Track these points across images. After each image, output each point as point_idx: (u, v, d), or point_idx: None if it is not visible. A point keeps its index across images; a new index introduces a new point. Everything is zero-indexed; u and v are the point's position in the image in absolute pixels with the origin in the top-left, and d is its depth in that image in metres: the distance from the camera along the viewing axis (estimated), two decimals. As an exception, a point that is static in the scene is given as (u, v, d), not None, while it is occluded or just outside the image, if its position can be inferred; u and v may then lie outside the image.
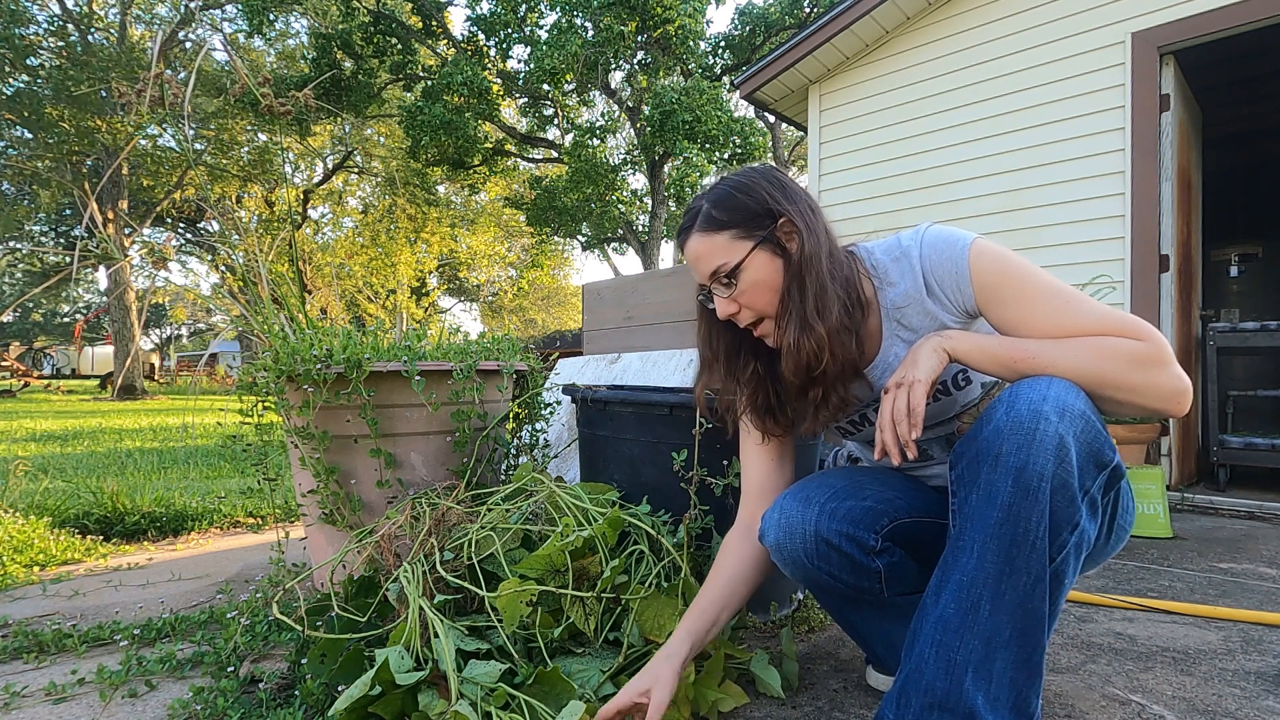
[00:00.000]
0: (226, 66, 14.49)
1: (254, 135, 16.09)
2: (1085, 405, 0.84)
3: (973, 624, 0.83)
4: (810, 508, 1.01)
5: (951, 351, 0.92)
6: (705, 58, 13.27)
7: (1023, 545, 0.82)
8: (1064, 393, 0.83)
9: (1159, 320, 3.37)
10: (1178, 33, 3.34)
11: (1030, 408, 0.82)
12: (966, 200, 3.98)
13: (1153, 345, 0.85)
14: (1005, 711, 0.82)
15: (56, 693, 1.26)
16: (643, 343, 3.15)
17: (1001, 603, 0.82)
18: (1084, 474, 0.83)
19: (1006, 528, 0.82)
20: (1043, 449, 0.80)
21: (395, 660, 1.02)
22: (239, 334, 2.84)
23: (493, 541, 1.31)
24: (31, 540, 2.23)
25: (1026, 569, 0.82)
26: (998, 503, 0.82)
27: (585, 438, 1.78)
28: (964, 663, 0.82)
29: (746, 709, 1.17)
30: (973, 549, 0.84)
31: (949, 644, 0.83)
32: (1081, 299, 0.91)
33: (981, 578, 0.83)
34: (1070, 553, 0.85)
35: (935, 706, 0.83)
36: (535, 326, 28.91)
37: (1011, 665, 0.82)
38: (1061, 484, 0.81)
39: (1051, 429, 0.81)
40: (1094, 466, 0.84)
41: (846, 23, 4.21)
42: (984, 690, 0.82)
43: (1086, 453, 0.83)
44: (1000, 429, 0.83)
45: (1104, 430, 0.86)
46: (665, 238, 14.08)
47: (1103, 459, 0.85)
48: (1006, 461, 0.82)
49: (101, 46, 13.59)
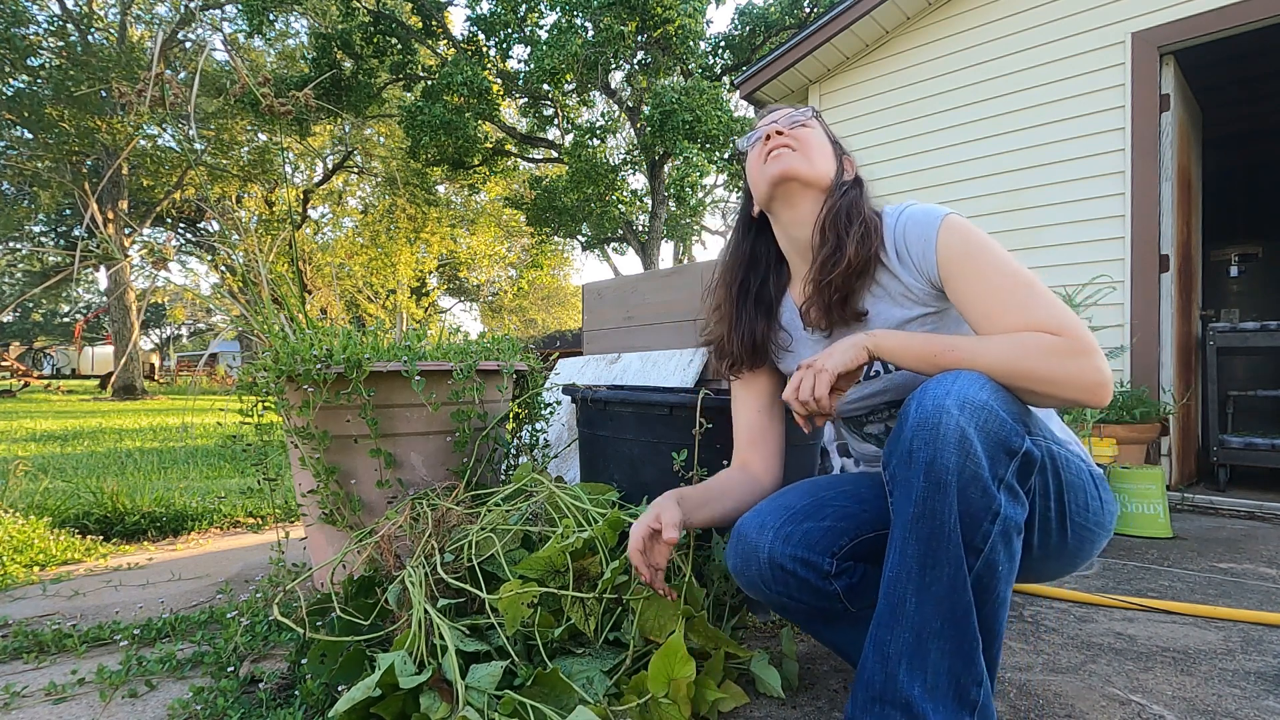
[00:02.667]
0: (226, 66, 14.49)
1: (254, 135, 16.10)
2: (990, 396, 0.86)
3: (901, 617, 0.86)
4: (764, 534, 1.04)
5: (874, 349, 0.97)
6: (705, 58, 13.27)
7: (939, 537, 0.84)
8: (967, 385, 0.86)
9: (1159, 320, 3.37)
10: (1178, 33, 3.34)
11: (934, 403, 0.85)
12: (966, 200, 3.98)
13: (1072, 339, 0.88)
14: (946, 700, 0.84)
15: (56, 693, 1.26)
16: (643, 343, 3.15)
17: (927, 595, 0.85)
18: (994, 463, 0.85)
19: (923, 522, 0.85)
20: (946, 443, 0.83)
21: (400, 664, 1.02)
22: (239, 334, 2.84)
23: (493, 543, 1.31)
24: (31, 540, 2.23)
25: (947, 560, 0.84)
26: (913, 498, 0.85)
27: (585, 438, 1.78)
28: (896, 655, 0.85)
29: (746, 709, 1.17)
30: (896, 545, 0.87)
31: (882, 638, 0.87)
32: (1035, 289, 0.94)
33: (905, 573, 0.86)
34: (998, 541, 0.86)
35: (875, 700, 0.86)
36: (535, 326, 28.91)
37: (947, 655, 0.84)
38: (972, 475, 0.83)
39: (953, 422, 0.83)
40: (1004, 455, 0.85)
41: (846, 23, 4.21)
42: (920, 680, 0.84)
43: (992, 442, 0.85)
44: (912, 426, 0.86)
45: (1012, 420, 0.86)
46: (665, 238, 14.11)
47: (1011, 447, 0.86)
48: (917, 458, 0.85)
49: (101, 46, 13.59)
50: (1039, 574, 1.08)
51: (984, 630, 0.88)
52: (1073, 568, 1.08)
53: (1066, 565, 1.07)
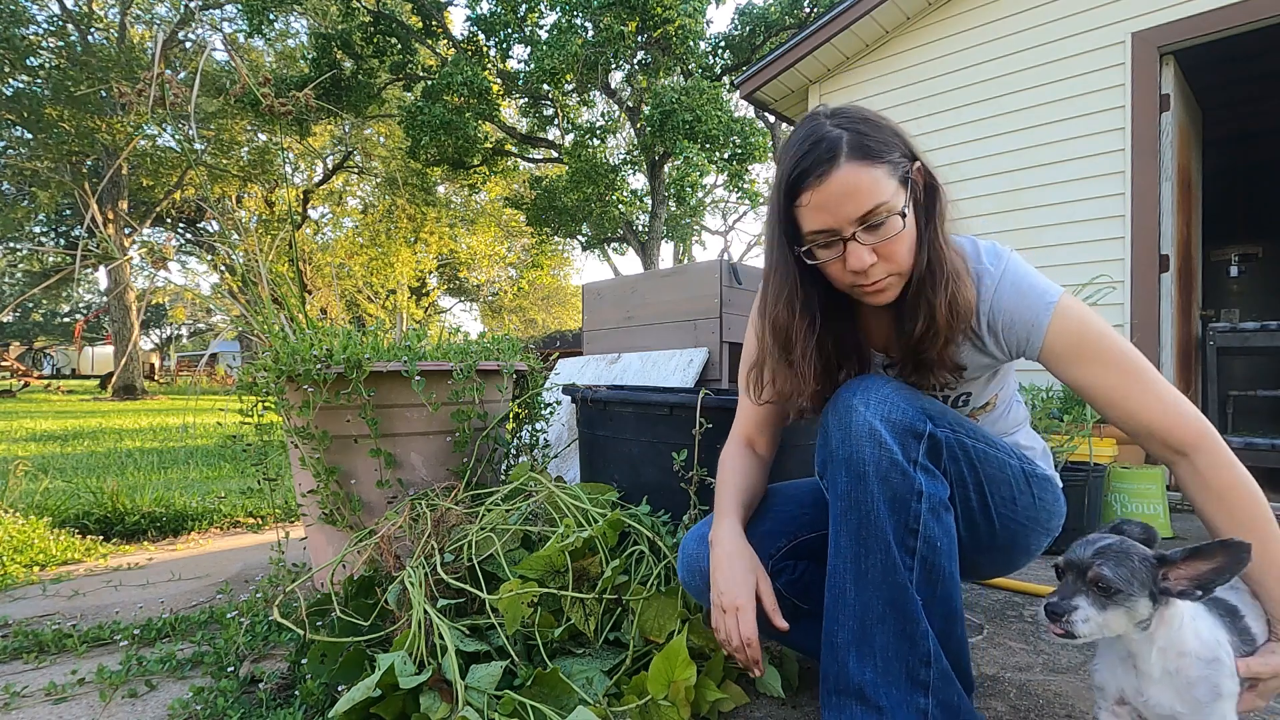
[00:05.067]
0: (227, 66, 14.49)
1: (254, 135, 16.10)
2: (892, 390, 0.92)
3: (844, 606, 0.90)
4: (704, 546, 1.06)
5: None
6: (705, 58, 13.27)
7: (868, 525, 0.88)
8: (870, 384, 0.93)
9: (1159, 320, 3.37)
10: (1178, 33, 3.34)
11: (844, 404, 0.92)
12: (966, 200, 3.98)
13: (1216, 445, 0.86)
14: (898, 682, 0.87)
15: (56, 693, 1.26)
16: (643, 343, 3.15)
17: (864, 582, 0.88)
18: (905, 447, 0.89)
19: (851, 514, 0.90)
20: (859, 438, 0.89)
21: (400, 665, 1.02)
22: (239, 334, 2.84)
23: (493, 543, 1.31)
24: (31, 540, 2.23)
25: (877, 546, 0.88)
26: (839, 493, 0.91)
27: (585, 438, 1.78)
28: (845, 645, 0.89)
29: (747, 709, 1.17)
30: (832, 540, 0.92)
31: (831, 630, 0.91)
32: (1150, 376, 0.89)
33: (842, 565, 0.90)
34: (929, 518, 0.89)
35: (833, 692, 0.89)
36: (535, 326, 28.90)
37: (892, 639, 0.87)
38: (889, 463, 0.88)
39: (861, 419, 0.89)
40: (912, 439, 0.90)
41: (846, 23, 4.21)
42: (870, 666, 0.87)
43: (899, 429, 0.89)
44: (829, 429, 0.93)
45: (912, 409, 0.91)
46: (665, 238, 14.10)
47: (916, 430, 0.90)
48: (837, 455, 0.91)
49: (101, 46, 13.58)
50: (977, 568, 1.10)
51: (944, 612, 0.91)
52: (1012, 565, 1.11)
53: (1003, 561, 1.10)
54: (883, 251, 0.87)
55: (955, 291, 0.90)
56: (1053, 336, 0.91)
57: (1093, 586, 0.77)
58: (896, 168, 0.86)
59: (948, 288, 0.89)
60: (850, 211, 0.85)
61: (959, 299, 0.90)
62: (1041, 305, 0.91)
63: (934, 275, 0.90)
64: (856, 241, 0.86)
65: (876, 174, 0.84)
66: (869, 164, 0.84)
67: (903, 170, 0.87)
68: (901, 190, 0.87)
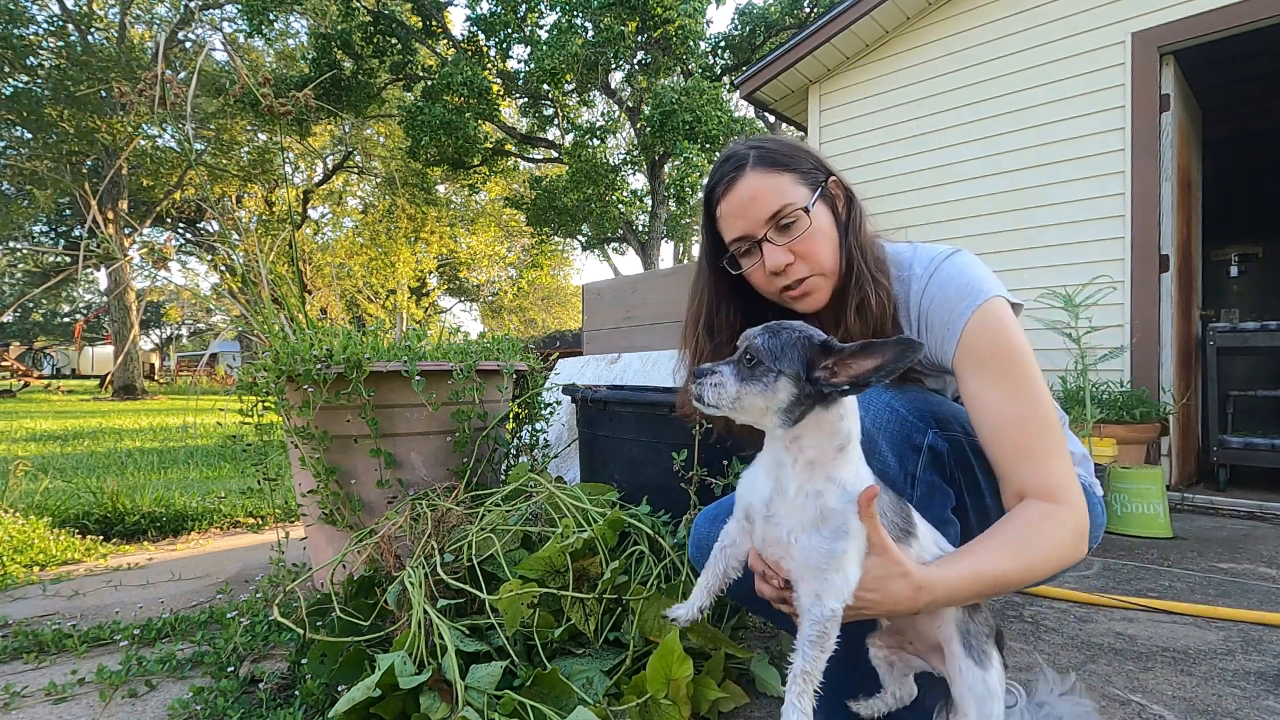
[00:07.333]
0: (226, 66, 14.49)
1: (254, 135, 16.10)
2: (898, 401, 0.90)
3: None
4: (716, 525, 1.04)
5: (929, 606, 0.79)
6: (705, 58, 13.28)
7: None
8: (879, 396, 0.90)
9: (1159, 320, 3.37)
10: (1178, 33, 3.34)
11: None
12: (966, 200, 3.98)
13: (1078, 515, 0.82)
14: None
15: (56, 693, 1.26)
16: (643, 343, 3.15)
17: None
18: (904, 460, 0.89)
19: None
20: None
21: (400, 665, 1.02)
22: (239, 334, 2.84)
23: (493, 543, 1.31)
24: (31, 540, 2.23)
25: None
26: None
27: (585, 438, 1.78)
28: None
29: (747, 709, 1.17)
30: None
31: None
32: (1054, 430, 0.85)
33: None
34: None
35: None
36: (535, 326, 28.90)
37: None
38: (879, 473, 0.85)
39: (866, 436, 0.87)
40: (910, 450, 0.89)
41: (846, 23, 4.21)
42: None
43: (898, 443, 0.89)
44: None
45: (916, 418, 0.89)
46: (665, 238, 14.10)
47: (914, 442, 0.89)
48: None
49: (101, 46, 13.60)
50: None
51: None
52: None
53: None
54: (799, 250, 0.92)
55: (866, 294, 0.92)
56: (967, 336, 0.87)
57: (743, 357, 0.72)
58: (806, 176, 0.93)
59: (860, 291, 0.92)
60: (758, 213, 0.92)
61: (869, 302, 0.92)
62: (964, 301, 0.87)
63: (852, 280, 0.94)
64: (769, 242, 0.92)
65: (782, 180, 0.92)
66: (774, 171, 0.92)
67: (814, 179, 0.94)
68: (811, 194, 0.93)
